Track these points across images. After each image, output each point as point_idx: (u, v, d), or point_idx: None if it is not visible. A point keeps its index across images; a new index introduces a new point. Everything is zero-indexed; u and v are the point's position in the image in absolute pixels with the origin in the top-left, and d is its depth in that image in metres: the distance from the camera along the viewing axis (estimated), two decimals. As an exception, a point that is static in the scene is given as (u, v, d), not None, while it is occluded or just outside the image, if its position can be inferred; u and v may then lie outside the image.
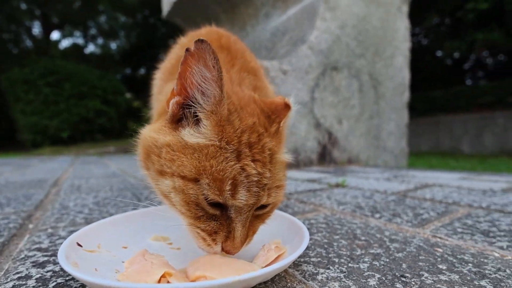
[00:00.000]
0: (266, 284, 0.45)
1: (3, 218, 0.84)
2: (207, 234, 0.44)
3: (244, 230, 0.44)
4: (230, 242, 0.43)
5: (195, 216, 0.44)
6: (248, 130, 0.45)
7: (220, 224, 0.44)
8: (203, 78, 0.43)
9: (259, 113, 0.49)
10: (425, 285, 0.44)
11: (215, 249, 0.45)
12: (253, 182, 0.42)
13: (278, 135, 0.49)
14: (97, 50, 17.80)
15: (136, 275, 0.38)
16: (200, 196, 0.42)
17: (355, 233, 0.70)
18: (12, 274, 0.48)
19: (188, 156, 0.43)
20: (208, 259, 0.42)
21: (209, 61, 0.41)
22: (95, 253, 0.48)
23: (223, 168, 0.41)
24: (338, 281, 0.46)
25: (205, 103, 0.44)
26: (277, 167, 0.47)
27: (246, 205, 0.43)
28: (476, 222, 0.77)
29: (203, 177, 0.41)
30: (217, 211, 0.44)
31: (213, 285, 0.32)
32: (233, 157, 0.42)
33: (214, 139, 0.43)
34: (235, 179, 0.41)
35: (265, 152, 0.45)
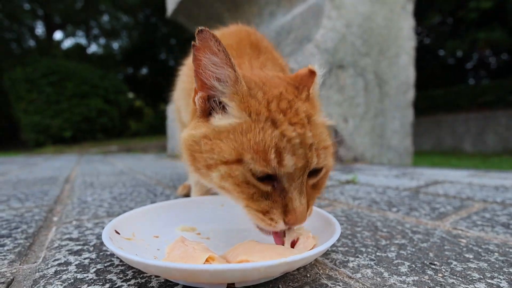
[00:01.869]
0: (299, 271, 0.46)
1: (27, 211, 0.85)
2: (262, 214, 0.44)
3: (303, 198, 0.43)
4: (291, 216, 0.42)
5: (248, 196, 0.44)
6: (275, 99, 0.45)
7: (273, 202, 0.43)
8: (213, 65, 0.44)
9: (286, 85, 0.49)
10: (455, 272, 0.46)
11: (277, 227, 0.44)
12: (297, 144, 0.41)
13: (311, 101, 0.49)
14: (99, 50, 17.82)
15: (180, 260, 0.39)
16: (248, 174, 0.42)
17: (376, 225, 0.71)
18: (51, 261, 0.49)
19: (224, 140, 0.43)
20: (247, 245, 0.44)
21: (213, 46, 0.42)
22: (132, 240, 0.49)
23: (262, 139, 0.41)
24: (369, 268, 0.47)
25: (223, 87, 0.46)
26: (318, 128, 0.46)
27: (296, 169, 0.42)
28: (494, 216, 0.78)
29: (245, 154, 0.41)
30: (268, 186, 0.43)
31: (261, 266, 0.33)
32: (269, 125, 0.42)
33: (243, 116, 0.44)
34: (277, 146, 0.40)
35: (300, 115, 0.44)
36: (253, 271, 0.33)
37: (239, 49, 0.68)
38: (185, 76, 0.80)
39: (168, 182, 1.49)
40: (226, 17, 3.63)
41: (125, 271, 0.45)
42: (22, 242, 0.59)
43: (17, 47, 14.24)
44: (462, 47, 9.73)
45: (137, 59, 16.50)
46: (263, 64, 0.65)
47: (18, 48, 14.24)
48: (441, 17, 11.35)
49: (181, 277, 0.34)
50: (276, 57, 0.76)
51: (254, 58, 0.67)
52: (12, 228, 0.68)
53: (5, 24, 13.19)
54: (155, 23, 15.57)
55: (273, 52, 0.77)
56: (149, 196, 1.09)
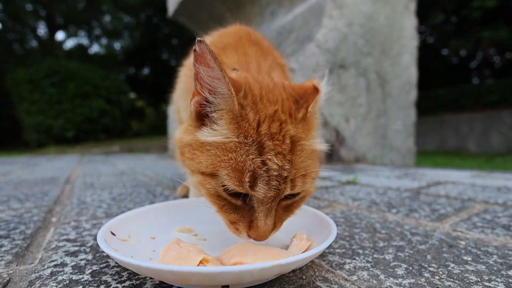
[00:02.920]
0: (295, 273, 0.46)
1: (26, 211, 0.86)
2: (230, 223, 0.47)
3: (269, 219, 0.45)
4: (254, 231, 0.45)
5: (219, 206, 0.47)
6: (267, 120, 0.44)
7: (241, 215, 0.46)
8: (208, 77, 0.44)
9: (285, 99, 0.48)
10: (453, 274, 0.45)
11: (242, 237, 0.47)
12: (273, 176, 0.42)
13: (306, 121, 0.48)
14: (101, 50, 17.89)
15: (174, 261, 0.39)
16: (219, 188, 0.44)
17: (375, 227, 0.70)
18: (48, 262, 0.49)
19: (205, 154, 0.45)
20: (242, 247, 0.43)
21: (208, 60, 0.42)
22: (127, 242, 0.49)
23: (243, 161, 0.42)
24: (366, 270, 0.47)
25: (216, 102, 0.45)
26: (302, 155, 0.45)
27: (265, 197, 0.43)
28: (495, 217, 0.77)
29: (221, 170, 0.43)
30: (238, 201, 0.45)
31: (254, 269, 0.33)
32: (254, 149, 0.42)
33: (231, 136, 0.44)
34: (254, 172, 0.42)
35: (285, 142, 0.44)
36: (246, 273, 0.33)
37: (239, 47, 0.68)
38: (184, 77, 0.80)
39: (168, 182, 1.49)
40: (227, 17, 3.63)
41: (120, 272, 0.45)
42: (19, 243, 0.59)
43: (20, 47, 14.35)
44: (466, 46, 9.66)
45: (139, 59, 16.56)
46: (271, 68, 0.65)
47: (20, 48, 14.34)
48: (445, 16, 11.28)
49: (174, 279, 0.34)
50: (276, 57, 0.76)
51: (262, 59, 0.66)
52: (11, 228, 0.68)
53: (7, 25, 13.29)
54: (156, 23, 15.61)
55: (273, 52, 0.78)
56: (148, 197, 1.09)
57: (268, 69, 0.62)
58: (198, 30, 3.81)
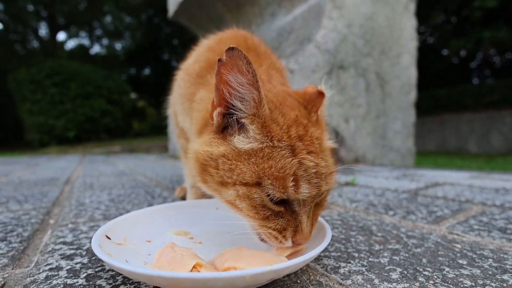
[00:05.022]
0: (289, 277, 0.46)
1: (24, 213, 0.86)
2: (278, 232, 0.46)
3: (309, 220, 0.46)
4: (299, 235, 0.45)
5: (263, 217, 0.46)
6: (293, 124, 0.46)
7: (287, 220, 0.46)
8: (239, 84, 0.44)
9: (298, 105, 0.50)
10: (447, 279, 0.45)
11: (286, 244, 0.46)
12: (312, 174, 0.44)
13: (319, 123, 0.51)
14: (102, 51, 17.93)
15: (168, 266, 0.39)
16: (265, 198, 0.44)
17: (371, 229, 0.70)
18: (43, 266, 0.49)
19: (245, 163, 0.44)
20: (235, 251, 0.44)
21: (242, 66, 0.42)
22: (123, 245, 0.49)
23: (282, 166, 0.43)
24: (360, 275, 0.47)
25: (246, 108, 0.45)
26: (327, 154, 0.48)
27: (309, 197, 0.44)
28: (491, 220, 0.77)
29: (265, 179, 0.43)
30: (281, 207, 0.45)
31: (247, 275, 0.33)
32: (288, 153, 0.44)
33: (265, 140, 0.44)
34: (295, 174, 0.43)
35: (314, 142, 0.46)
36: (238, 279, 0.33)
37: None
38: (182, 81, 0.80)
39: (167, 183, 1.50)
40: (227, 18, 3.63)
41: (115, 276, 0.45)
42: (16, 246, 0.59)
43: (21, 48, 14.40)
44: (467, 46, 9.63)
45: (140, 59, 16.58)
46: (269, 75, 0.65)
47: (22, 49, 14.39)
48: (445, 16, 11.25)
49: (166, 284, 0.34)
50: (274, 61, 0.76)
51: (257, 65, 0.67)
52: (8, 231, 0.69)
53: (9, 25, 13.33)
54: (158, 24, 15.63)
55: (271, 56, 0.77)
56: (146, 198, 1.09)
57: (267, 77, 0.62)
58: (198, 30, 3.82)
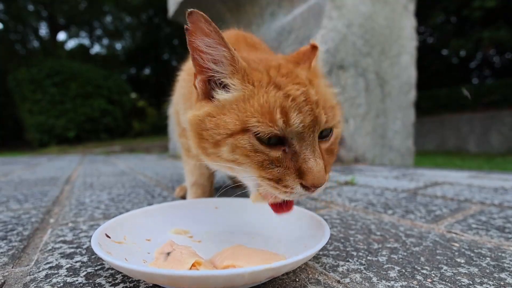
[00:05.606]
0: (288, 276, 0.46)
1: (24, 213, 0.86)
2: (277, 182, 0.42)
3: (318, 157, 0.41)
4: (308, 176, 0.40)
5: (258, 163, 0.42)
6: (275, 67, 0.46)
7: (285, 167, 0.42)
8: (207, 46, 0.44)
9: (286, 61, 0.50)
10: (445, 277, 0.45)
11: (294, 194, 0.42)
12: (302, 102, 0.41)
13: (313, 70, 0.50)
14: (102, 51, 17.96)
15: (167, 264, 0.40)
16: (254, 141, 0.41)
17: (370, 228, 0.71)
18: (43, 264, 0.50)
19: (227, 114, 0.43)
20: (234, 250, 0.44)
21: (205, 28, 0.42)
22: (122, 244, 0.49)
23: (266, 100, 0.41)
24: (359, 273, 0.47)
25: (222, 68, 0.45)
26: (321, 90, 0.46)
27: (305, 127, 0.41)
28: (490, 219, 0.77)
29: (250, 119, 0.41)
30: (278, 151, 0.42)
31: (245, 272, 0.33)
32: (272, 88, 0.42)
33: (247, 85, 0.44)
34: (282, 106, 0.40)
35: (301, 77, 0.45)
36: (236, 277, 0.33)
37: (237, 50, 0.69)
38: (183, 81, 0.80)
39: (167, 183, 1.50)
40: (227, 18, 3.63)
41: (114, 275, 0.46)
42: (16, 244, 0.60)
43: (22, 48, 14.40)
44: (466, 46, 9.64)
45: (140, 59, 16.59)
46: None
47: (22, 49, 14.39)
48: (445, 16, 11.25)
49: (165, 282, 0.34)
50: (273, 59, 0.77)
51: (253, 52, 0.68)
52: (8, 230, 0.69)
53: (9, 25, 13.33)
54: (158, 24, 15.63)
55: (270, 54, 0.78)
56: (146, 198, 1.10)
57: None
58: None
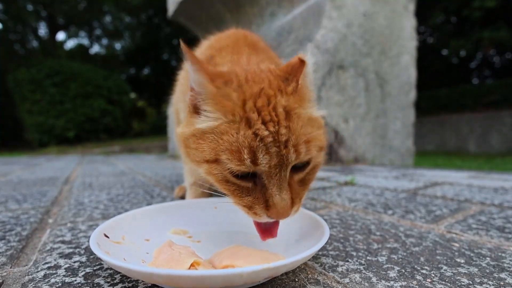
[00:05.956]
0: (288, 276, 0.46)
1: (23, 213, 0.86)
2: (248, 208, 0.46)
3: (284, 193, 0.44)
4: (272, 211, 0.44)
5: (230, 191, 0.47)
6: (252, 97, 0.46)
7: (254, 197, 0.46)
8: (192, 71, 0.47)
9: (272, 79, 0.49)
10: (445, 277, 0.45)
11: (263, 220, 0.46)
12: (270, 143, 0.42)
13: (299, 93, 0.48)
14: (102, 51, 17.95)
15: (166, 264, 0.39)
16: (226, 173, 0.45)
17: (370, 228, 0.70)
18: (42, 264, 0.49)
19: (206, 141, 0.46)
20: (233, 250, 0.44)
21: (189, 57, 0.45)
22: (121, 244, 0.49)
23: (236, 139, 0.43)
24: (358, 273, 0.47)
25: (201, 91, 0.48)
26: (300, 122, 0.46)
27: (270, 167, 0.43)
28: (490, 219, 0.77)
29: (221, 154, 0.44)
30: (249, 183, 0.46)
31: (244, 272, 0.33)
32: (243, 126, 0.43)
33: (219, 116, 0.46)
34: (250, 146, 0.42)
35: (277, 111, 0.44)
36: (235, 277, 0.33)
37: (236, 48, 0.70)
38: (183, 79, 0.82)
39: (166, 183, 1.50)
40: (227, 18, 3.63)
41: (113, 275, 0.45)
42: (14, 244, 0.60)
43: (21, 48, 14.39)
44: (466, 47, 9.64)
45: (140, 59, 16.58)
46: (262, 61, 0.66)
47: (21, 49, 14.38)
48: (445, 16, 11.26)
49: (164, 282, 0.34)
50: (272, 57, 0.77)
51: (254, 55, 0.68)
52: (7, 230, 0.69)
53: (9, 25, 13.33)
54: (158, 24, 15.63)
55: (269, 52, 0.79)
56: (145, 198, 1.09)
57: (258, 61, 0.63)
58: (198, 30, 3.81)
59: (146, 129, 13.61)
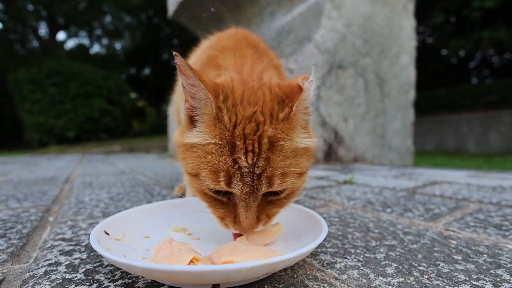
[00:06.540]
0: (286, 272, 0.47)
1: (24, 211, 0.86)
2: (220, 218, 0.52)
3: (250, 214, 0.48)
4: (238, 225, 0.49)
5: (207, 202, 0.52)
6: (243, 121, 0.46)
7: (227, 210, 0.51)
8: (189, 85, 0.47)
9: (268, 100, 0.49)
10: (442, 273, 0.46)
11: (230, 231, 0.52)
12: (245, 173, 0.45)
13: (290, 120, 0.48)
14: (102, 50, 17.96)
15: (165, 260, 0.40)
16: (204, 187, 0.49)
17: (368, 226, 0.71)
18: (42, 261, 0.50)
19: (192, 155, 0.49)
20: (232, 246, 0.44)
21: (185, 71, 0.45)
22: (121, 241, 0.50)
23: (217, 162, 0.46)
24: (356, 269, 0.47)
25: (197, 106, 0.49)
26: (281, 154, 0.47)
27: (242, 193, 0.46)
28: (488, 217, 0.78)
29: (202, 171, 0.47)
30: (224, 197, 0.50)
31: (242, 268, 0.33)
32: (227, 150, 0.46)
33: (208, 137, 0.47)
34: (228, 171, 0.45)
35: (262, 141, 0.45)
36: (234, 272, 0.34)
37: (237, 49, 0.70)
38: None
39: (166, 182, 1.50)
40: (227, 18, 3.63)
41: (113, 271, 0.46)
42: (15, 242, 0.60)
43: (21, 48, 14.40)
44: (466, 47, 9.65)
45: (140, 59, 16.59)
46: (266, 69, 0.66)
47: (22, 49, 14.39)
48: (445, 16, 11.27)
49: (163, 278, 0.34)
50: (272, 58, 0.77)
51: (257, 60, 0.68)
52: (7, 228, 0.69)
53: (9, 25, 13.33)
54: (158, 24, 15.64)
55: (269, 53, 0.79)
56: (146, 196, 1.10)
57: (261, 70, 0.63)
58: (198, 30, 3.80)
59: (146, 129, 13.62)
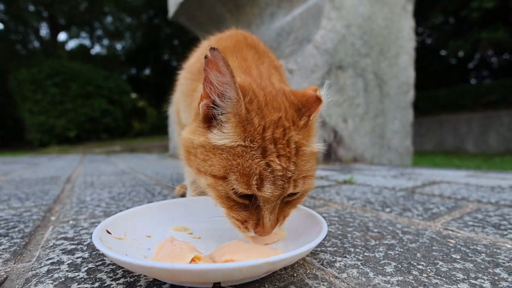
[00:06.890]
0: (286, 271, 0.47)
1: (26, 210, 0.87)
2: (240, 222, 0.50)
3: (273, 216, 0.49)
4: (260, 228, 0.48)
5: (228, 207, 0.50)
6: (272, 126, 0.47)
7: (250, 213, 0.49)
8: (219, 82, 0.46)
9: (288, 107, 0.50)
10: (440, 272, 0.46)
11: (249, 234, 0.50)
12: (278, 176, 0.45)
13: (307, 128, 0.51)
14: (103, 51, 17.98)
15: (167, 259, 0.40)
16: (230, 191, 0.47)
17: (368, 225, 0.71)
18: (45, 260, 0.50)
19: (217, 157, 0.47)
20: (233, 245, 0.45)
21: (221, 67, 0.44)
22: (123, 240, 0.50)
23: (249, 165, 0.45)
24: (356, 268, 0.48)
25: (224, 105, 0.47)
26: (304, 159, 0.49)
27: (272, 196, 0.46)
28: (486, 216, 0.78)
29: (231, 174, 0.46)
30: (246, 201, 0.49)
31: (243, 266, 0.34)
32: (259, 154, 0.45)
33: (237, 139, 0.46)
34: (261, 174, 0.45)
35: (290, 146, 0.47)
36: (235, 271, 0.34)
37: (237, 50, 0.70)
38: (184, 79, 0.82)
39: (167, 182, 1.51)
40: (227, 19, 3.64)
41: (115, 270, 0.46)
42: (18, 241, 0.61)
43: (22, 48, 14.42)
44: (465, 47, 9.66)
45: (140, 59, 16.61)
46: (270, 73, 0.66)
47: (23, 49, 14.41)
48: (444, 16, 11.28)
49: (165, 276, 0.35)
50: (273, 59, 0.78)
51: (259, 63, 0.68)
52: (10, 227, 0.70)
53: (10, 25, 13.35)
54: (158, 24, 15.65)
55: (269, 54, 0.79)
56: (147, 196, 1.10)
57: (268, 74, 0.63)
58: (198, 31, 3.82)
59: (147, 129, 13.62)
